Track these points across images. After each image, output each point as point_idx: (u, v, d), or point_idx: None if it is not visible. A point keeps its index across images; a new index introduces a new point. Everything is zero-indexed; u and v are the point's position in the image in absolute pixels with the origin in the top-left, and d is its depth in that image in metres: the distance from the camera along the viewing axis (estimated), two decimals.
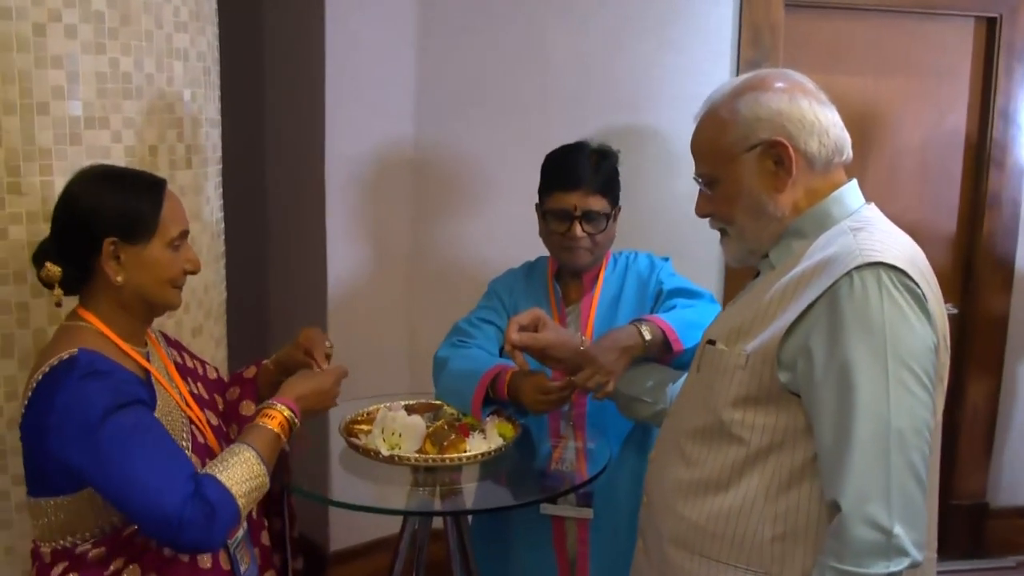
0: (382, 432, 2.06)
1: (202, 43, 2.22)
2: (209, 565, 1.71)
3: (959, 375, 3.70)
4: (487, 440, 2.09)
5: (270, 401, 1.78)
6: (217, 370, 2.09)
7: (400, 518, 2.33)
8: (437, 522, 2.33)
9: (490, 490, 2.12)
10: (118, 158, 1.98)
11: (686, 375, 2.12)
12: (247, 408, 1.99)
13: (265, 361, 2.07)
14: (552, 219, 2.33)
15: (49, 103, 1.88)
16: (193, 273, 1.78)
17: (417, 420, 2.08)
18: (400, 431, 2.04)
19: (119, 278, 1.66)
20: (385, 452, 2.01)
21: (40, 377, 1.59)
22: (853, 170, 1.67)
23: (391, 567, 2.29)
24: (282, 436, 1.74)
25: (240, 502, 1.59)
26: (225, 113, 2.46)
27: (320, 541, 3.42)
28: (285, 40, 3.44)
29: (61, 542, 1.64)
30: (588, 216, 2.29)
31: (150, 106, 2.04)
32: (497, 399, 2.23)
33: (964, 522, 3.83)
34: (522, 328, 2.11)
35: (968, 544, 3.83)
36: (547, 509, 2.28)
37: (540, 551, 2.38)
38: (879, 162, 3.57)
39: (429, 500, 2.06)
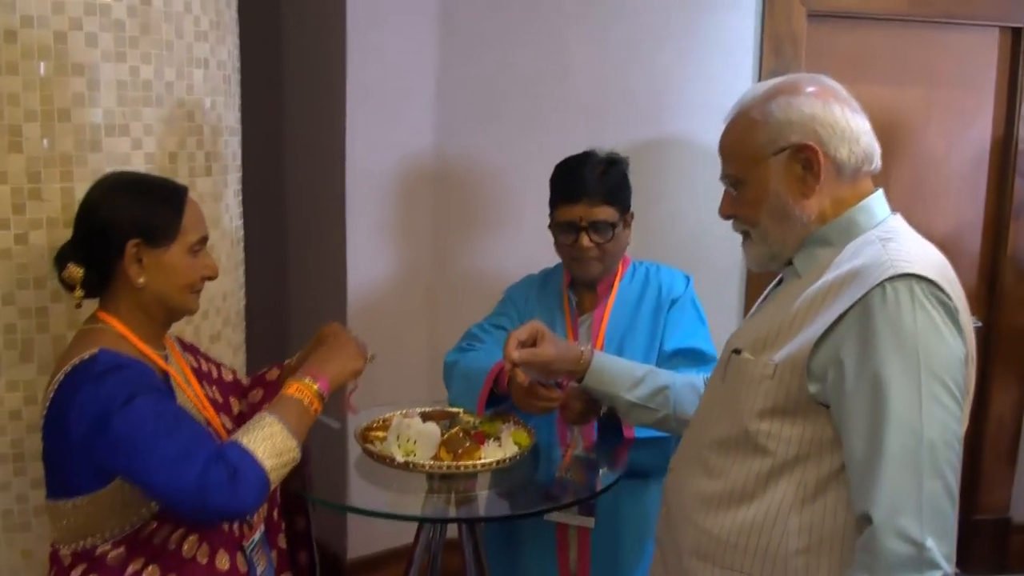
0: (397, 439, 2.06)
1: (223, 52, 2.23)
2: (227, 567, 1.72)
3: (983, 388, 3.65)
4: (502, 448, 2.08)
5: (295, 376, 1.77)
6: (234, 372, 2.09)
7: (415, 526, 2.33)
8: (452, 531, 2.33)
9: (499, 497, 2.10)
10: (138, 165, 1.99)
11: (692, 377, 2.11)
12: None
13: (288, 360, 2.07)
14: (559, 231, 2.34)
15: (70, 110, 1.89)
16: (211, 279, 1.79)
17: (432, 427, 2.08)
18: (415, 438, 2.04)
19: (141, 280, 1.67)
20: (400, 459, 2.01)
21: (62, 378, 1.61)
22: (877, 181, 1.66)
23: (405, 574, 2.29)
24: (305, 403, 1.71)
25: (266, 464, 1.58)
26: (245, 122, 2.48)
27: (338, 550, 3.42)
28: (306, 50, 3.45)
29: (81, 543, 1.64)
30: (595, 226, 2.28)
31: (170, 114, 2.06)
32: (502, 394, 2.24)
33: (988, 537, 3.78)
34: (521, 344, 2.09)
35: (992, 559, 3.79)
36: (550, 515, 2.27)
37: (544, 558, 2.39)
38: (903, 172, 3.54)
39: (444, 507, 2.05)
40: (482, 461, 2.02)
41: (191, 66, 2.10)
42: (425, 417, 2.19)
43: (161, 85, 2.03)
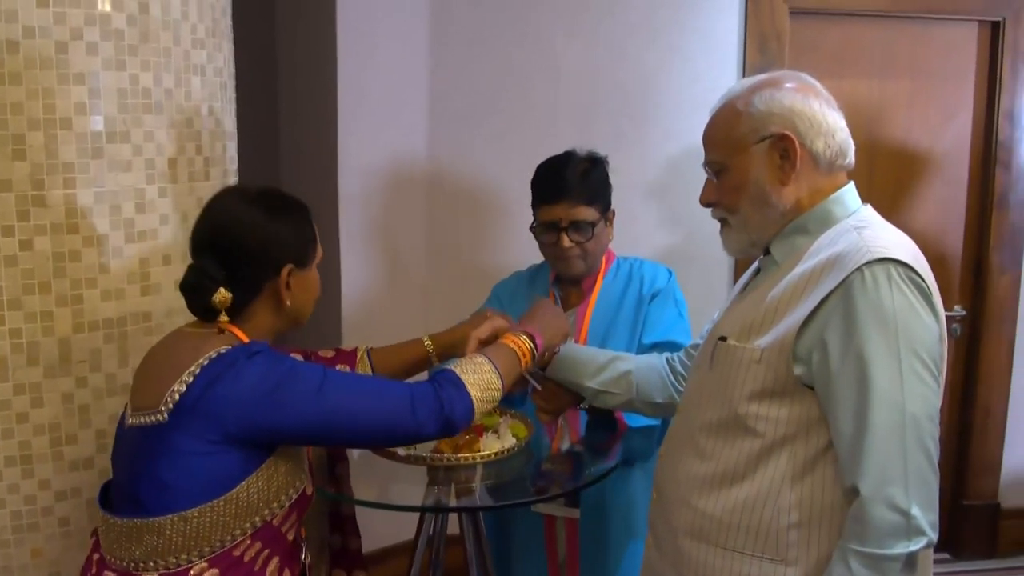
0: None
1: (219, 59, 2.27)
2: None
3: (970, 376, 3.72)
4: (500, 439, 2.13)
5: (512, 330, 1.95)
6: None
7: (416, 522, 2.37)
8: (453, 527, 2.36)
9: (487, 490, 2.13)
10: (139, 171, 2.02)
11: (653, 358, 2.17)
12: None
13: (426, 337, 2.17)
14: (541, 231, 2.38)
15: (72, 118, 1.92)
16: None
17: None
18: None
19: (289, 303, 1.69)
20: (401, 452, 2.05)
21: (197, 371, 1.56)
22: (861, 173, 1.74)
23: (408, 569, 2.33)
24: (517, 353, 1.87)
25: (473, 393, 1.70)
26: (241, 127, 2.51)
27: None
28: (298, 55, 3.49)
29: (172, 560, 1.57)
30: (575, 226, 2.32)
31: (169, 120, 2.09)
32: None
33: (977, 523, 3.84)
34: (482, 342, 2.11)
35: (980, 545, 3.85)
36: (537, 507, 2.33)
37: (534, 549, 2.44)
38: (887, 165, 3.60)
39: (444, 499, 2.09)
40: (481, 453, 2.07)
41: (189, 73, 2.14)
42: None
43: (160, 92, 2.06)
